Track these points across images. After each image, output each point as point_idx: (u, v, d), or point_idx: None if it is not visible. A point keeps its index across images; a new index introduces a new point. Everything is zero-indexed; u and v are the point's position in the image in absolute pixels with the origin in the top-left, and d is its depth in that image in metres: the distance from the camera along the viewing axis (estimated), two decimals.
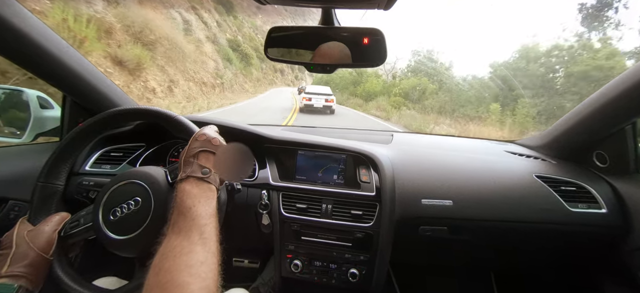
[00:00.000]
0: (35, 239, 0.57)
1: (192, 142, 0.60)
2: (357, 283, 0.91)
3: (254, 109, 12.04)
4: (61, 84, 0.91)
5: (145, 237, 0.57)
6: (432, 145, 1.23)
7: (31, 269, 0.55)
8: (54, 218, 0.62)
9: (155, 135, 1.03)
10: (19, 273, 0.53)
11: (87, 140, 0.72)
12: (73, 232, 0.63)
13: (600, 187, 0.94)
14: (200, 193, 0.52)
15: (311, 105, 11.11)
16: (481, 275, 1.37)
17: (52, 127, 1.01)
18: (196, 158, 0.56)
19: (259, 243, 0.99)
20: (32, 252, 0.56)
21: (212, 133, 0.62)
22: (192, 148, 0.58)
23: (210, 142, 0.59)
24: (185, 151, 0.59)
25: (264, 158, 1.00)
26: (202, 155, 0.57)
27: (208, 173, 0.55)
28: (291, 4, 0.59)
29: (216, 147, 0.59)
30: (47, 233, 0.59)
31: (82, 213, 0.64)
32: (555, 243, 1.00)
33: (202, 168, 0.55)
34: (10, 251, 0.55)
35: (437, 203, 0.91)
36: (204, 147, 0.58)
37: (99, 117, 0.70)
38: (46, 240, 0.58)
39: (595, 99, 0.92)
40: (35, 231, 0.59)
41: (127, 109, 0.72)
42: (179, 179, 0.54)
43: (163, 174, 0.64)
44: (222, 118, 1.04)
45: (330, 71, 0.68)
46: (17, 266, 0.54)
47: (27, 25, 0.73)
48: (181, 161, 0.58)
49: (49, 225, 0.61)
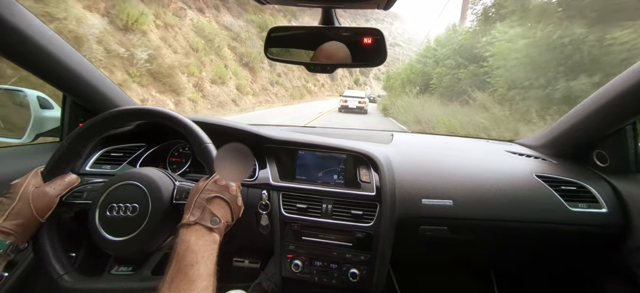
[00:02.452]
0: (37, 200, 0.57)
1: (209, 184, 0.57)
2: (358, 283, 0.91)
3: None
4: (61, 84, 0.91)
5: (138, 241, 0.57)
6: (432, 145, 1.23)
7: (23, 228, 0.56)
8: (62, 180, 0.63)
9: (155, 136, 1.03)
10: (11, 230, 0.54)
11: (92, 139, 0.70)
12: (73, 201, 0.63)
13: (601, 186, 0.94)
14: (204, 248, 0.48)
15: (347, 106, 13.52)
16: (482, 274, 1.37)
17: (52, 128, 1.01)
18: (209, 204, 0.54)
19: (260, 244, 0.99)
20: (29, 212, 0.56)
21: (233, 183, 0.59)
22: (207, 190, 0.55)
23: (227, 190, 0.56)
24: (198, 191, 0.55)
25: (264, 159, 1.00)
26: (216, 202, 0.54)
27: (217, 223, 0.52)
28: (291, 4, 0.59)
29: (233, 197, 0.57)
30: (50, 197, 0.60)
31: (88, 187, 0.65)
32: (555, 243, 1.00)
33: (212, 217, 0.52)
34: (11, 204, 0.56)
35: (437, 203, 0.91)
36: (220, 193, 0.55)
37: (112, 112, 0.67)
38: (46, 204, 0.59)
39: (595, 99, 0.92)
40: (40, 191, 0.59)
41: (147, 108, 0.69)
42: (186, 222, 0.51)
43: (169, 187, 0.62)
44: (222, 118, 1.04)
45: (330, 71, 0.67)
46: (11, 222, 0.54)
47: (27, 25, 0.73)
48: (193, 201, 0.54)
49: (54, 188, 0.61)
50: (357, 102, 13.43)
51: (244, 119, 4.88)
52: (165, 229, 0.61)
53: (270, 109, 13.83)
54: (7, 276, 0.80)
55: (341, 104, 13.65)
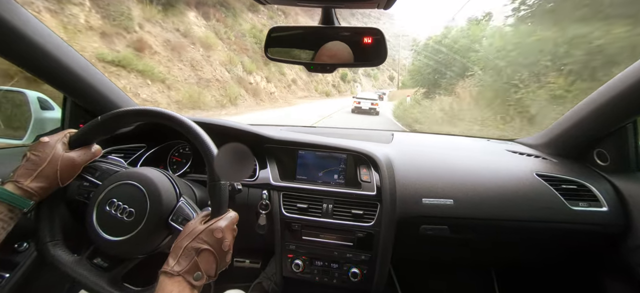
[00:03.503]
0: (64, 166, 0.58)
1: (205, 233, 0.52)
2: (359, 282, 0.91)
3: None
4: (61, 85, 0.91)
5: (130, 244, 0.58)
6: (432, 144, 1.23)
7: (45, 191, 0.56)
8: (89, 150, 0.63)
9: (155, 136, 1.03)
10: (35, 191, 0.54)
11: (119, 128, 0.68)
12: (86, 175, 0.64)
13: (601, 185, 0.94)
14: None
15: (360, 107, 14.01)
16: (482, 273, 1.37)
17: (53, 128, 1.01)
18: (198, 256, 0.50)
19: (260, 244, 0.99)
20: (54, 176, 0.56)
21: (228, 233, 0.54)
22: (200, 239, 0.51)
23: (221, 245, 0.52)
24: (191, 235, 0.52)
25: (265, 159, 1.00)
26: (205, 256, 0.51)
27: (200, 279, 0.49)
28: (291, 4, 0.59)
29: (224, 254, 0.54)
30: (76, 165, 0.60)
31: (104, 167, 0.66)
32: (556, 242, 1.00)
33: (197, 272, 0.49)
34: (40, 165, 0.55)
35: (438, 202, 0.91)
36: (212, 247, 0.51)
37: (123, 111, 0.65)
38: (72, 171, 0.59)
39: (595, 98, 0.92)
40: (68, 157, 0.59)
41: (154, 110, 0.67)
42: (169, 271, 0.48)
43: (171, 202, 0.61)
44: (222, 118, 1.04)
45: (330, 71, 0.67)
46: (37, 184, 0.55)
47: (27, 26, 0.73)
48: (182, 245, 0.50)
49: (81, 156, 0.61)
50: (369, 103, 14.03)
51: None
52: (154, 240, 0.61)
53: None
54: (8, 277, 0.81)
55: (355, 105, 14.25)
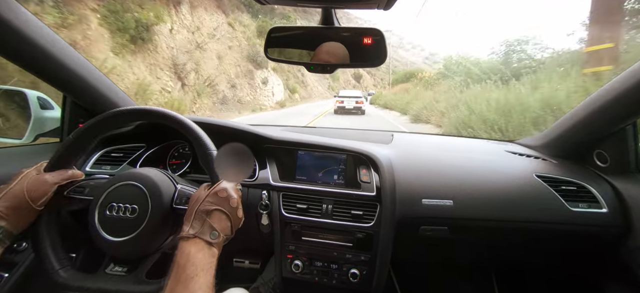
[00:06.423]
0: (32, 186, 0.57)
1: (210, 195, 0.55)
2: (358, 283, 0.91)
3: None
4: (61, 84, 0.91)
5: (137, 242, 0.58)
6: (432, 145, 1.23)
7: (14, 212, 0.55)
8: (65, 172, 0.62)
9: (155, 136, 1.03)
10: (2, 211, 0.53)
11: (97, 136, 0.69)
12: (75, 196, 0.63)
13: (601, 186, 0.94)
14: (204, 262, 0.48)
15: (343, 106, 12.56)
16: (482, 274, 1.37)
17: (53, 128, 1.01)
18: (209, 216, 0.52)
19: (260, 244, 0.99)
20: (22, 196, 0.56)
21: (232, 192, 0.57)
22: (208, 201, 0.54)
23: (228, 203, 0.55)
24: (198, 201, 0.55)
25: (264, 159, 1.00)
26: (216, 215, 0.53)
27: (216, 237, 0.52)
28: (291, 4, 0.59)
29: (233, 210, 0.56)
30: (47, 186, 0.59)
31: (91, 183, 0.65)
32: (555, 243, 1.00)
33: (212, 231, 0.51)
34: (7, 187, 0.56)
35: (437, 203, 0.91)
36: (220, 206, 0.54)
37: (118, 111, 0.66)
38: (42, 191, 0.58)
39: (595, 99, 0.92)
40: (38, 177, 0.59)
41: (153, 109, 0.68)
42: (185, 235, 0.50)
43: (170, 190, 0.62)
44: (222, 119, 1.04)
45: (330, 71, 0.67)
46: (4, 204, 0.54)
47: (27, 26, 0.73)
48: (193, 211, 0.53)
49: (53, 176, 0.61)
50: (354, 102, 12.75)
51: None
52: (164, 231, 0.61)
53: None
54: (7, 277, 0.80)
55: (337, 104, 12.91)
